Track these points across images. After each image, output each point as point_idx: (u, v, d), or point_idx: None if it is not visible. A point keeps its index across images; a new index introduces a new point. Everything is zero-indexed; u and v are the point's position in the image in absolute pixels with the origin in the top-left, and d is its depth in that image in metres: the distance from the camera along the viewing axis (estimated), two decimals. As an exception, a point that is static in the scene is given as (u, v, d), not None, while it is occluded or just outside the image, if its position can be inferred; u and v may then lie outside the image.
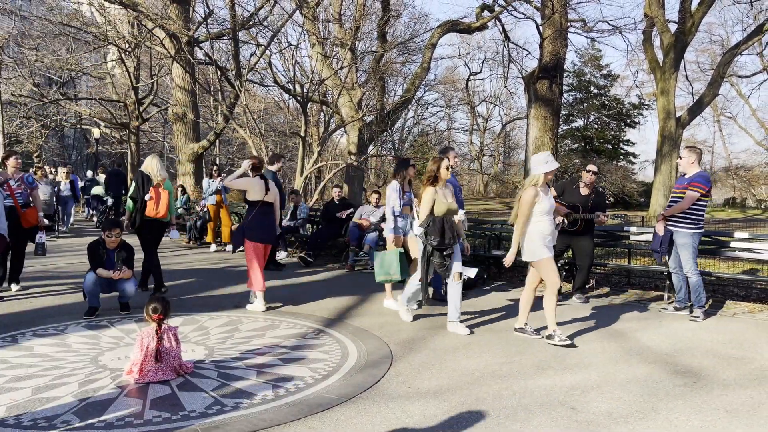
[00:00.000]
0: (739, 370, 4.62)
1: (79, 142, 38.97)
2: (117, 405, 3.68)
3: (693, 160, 6.39)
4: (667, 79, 21.20)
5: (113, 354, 4.77)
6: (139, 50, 21.34)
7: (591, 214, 7.07)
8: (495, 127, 52.67)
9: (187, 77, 17.49)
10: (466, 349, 5.10)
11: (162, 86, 25.42)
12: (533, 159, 5.55)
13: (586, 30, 18.46)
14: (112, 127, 24.34)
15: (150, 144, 34.01)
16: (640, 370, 4.57)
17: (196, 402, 3.74)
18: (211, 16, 16.46)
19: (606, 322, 6.19)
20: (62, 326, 5.63)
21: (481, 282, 8.29)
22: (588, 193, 7.22)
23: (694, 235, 6.28)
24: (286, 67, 21.02)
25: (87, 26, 18.17)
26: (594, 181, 7.26)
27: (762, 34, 21.70)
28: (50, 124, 26.49)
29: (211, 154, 31.04)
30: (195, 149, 18.55)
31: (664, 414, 3.68)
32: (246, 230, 6.53)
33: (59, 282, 7.95)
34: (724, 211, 34.37)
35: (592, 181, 7.24)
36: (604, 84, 41.81)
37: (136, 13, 15.52)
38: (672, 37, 20.80)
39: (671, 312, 6.60)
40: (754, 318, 6.46)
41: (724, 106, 42.73)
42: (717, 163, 46.80)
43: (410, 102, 21.45)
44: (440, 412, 3.65)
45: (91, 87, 30.34)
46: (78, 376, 4.20)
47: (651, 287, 8.10)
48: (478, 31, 19.15)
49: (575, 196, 7.21)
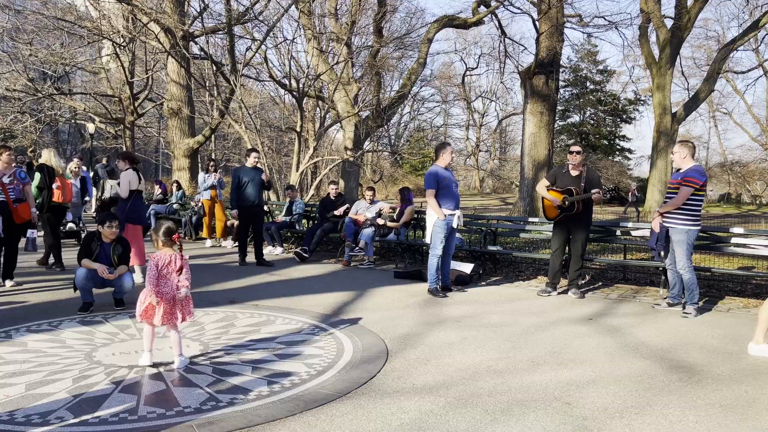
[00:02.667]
0: (733, 365, 4.63)
1: (73, 137, 38.79)
2: (111, 401, 3.66)
3: (686, 155, 6.37)
4: (663, 74, 21.22)
5: (107, 350, 4.75)
6: (134, 45, 21.24)
7: (586, 194, 7.06)
8: (491, 122, 52.74)
9: (182, 72, 17.42)
10: (461, 345, 5.09)
11: (157, 81, 25.31)
12: None
13: (582, 25, 18.43)
14: (107, 122, 24.21)
15: (145, 139, 33.89)
16: (635, 365, 4.58)
17: (191, 398, 3.73)
18: (206, 10, 16.40)
19: (602, 318, 6.19)
20: (56, 322, 5.60)
21: (476, 277, 8.29)
22: (578, 173, 7.21)
23: (690, 232, 6.25)
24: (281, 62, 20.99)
25: (81, 20, 18.03)
26: (581, 160, 7.24)
27: (758, 30, 21.74)
28: (45, 119, 26.35)
29: (207, 149, 30.96)
30: (190, 144, 18.48)
31: (659, 409, 3.69)
32: (130, 215, 7.73)
33: (54, 278, 7.92)
34: (719, 206, 34.45)
35: (579, 161, 7.23)
36: (600, 79, 41.88)
37: (131, 7, 15.43)
38: (668, 32, 20.81)
39: (665, 308, 6.61)
40: (749, 313, 6.47)
41: (719, 102, 42.87)
42: (712, 158, 46.94)
43: (406, 97, 21.41)
44: (436, 407, 3.64)
45: (85, 82, 30.19)
46: (72, 372, 4.18)
47: (646, 282, 8.12)
48: (474, 26, 19.12)
49: (567, 180, 7.21)
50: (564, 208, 7.14)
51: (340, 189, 12.56)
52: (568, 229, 7.28)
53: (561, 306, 6.74)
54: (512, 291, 7.70)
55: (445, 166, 7.43)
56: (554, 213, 7.26)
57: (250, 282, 7.91)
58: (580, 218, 7.19)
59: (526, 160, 17.62)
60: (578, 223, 7.23)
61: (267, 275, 8.50)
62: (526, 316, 6.23)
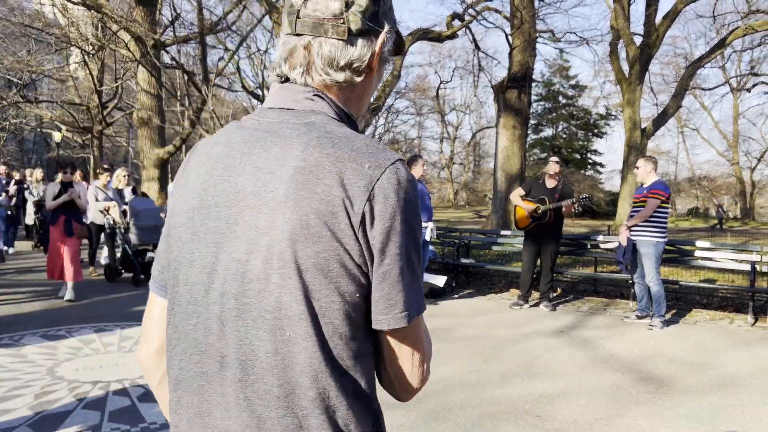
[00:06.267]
0: (700, 376, 4.69)
1: (39, 146, 38.03)
2: (74, 417, 3.56)
3: (650, 169, 6.50)
4: (632, 90, 21.64)
5: (71, 365, 4.62)
6: (103, 53, 20.93)
7: (559, 202, 7.13)
8: (465, 135, 53.20)
9: (152, 81, 17.20)
10: (434, 358, 5.04)
11: (127, 90, 24.96)
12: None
13: (554, 40, 18.76)
14: (75, 131, 23.79)
15: (114, 149, 33.38)
16: (605, 378, 4.61)
17: (157, 414, 3.63)
18: (178, 19, 16.27)
19: (573, 330, 6.24)
20: (18, 336, 5.44)
21: (449, 290, 8.29)
22: (554, 185, 7.30)
23: (658, 245, 6.35)
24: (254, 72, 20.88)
25: (49, 27, 17.73)
26: (559, 171, 7.34)
27: (724, 48, 22.32)
28: (9, 128, 25.79)
29: (177, 160, 30.59)
30: (160, 154, 18.22)
31: (628, 420, 3.71)
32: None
33: (16, 291, 7.70)
34: (687, 220, 35.21)
35: (557, 172, 7.32)
36: (572, 94, 42.54)
37: (101, 15, 15.22)
38: (637, 49, 21.26)
39: (634, 320, 6.69)
40: (715, 325, 6.59)
41: (687, 118, 43.84)
42: (681, 173, 47.95)
43: (380, 109, 21.48)
44: (407, 421, 3.61)
45: (52, 90, 29.63)
46: (33, 388, 4.05)
47: (617, 295, 8.21)
48: (448, 39, 19.28)
49: (541, 190, 7.29)
50: (536, 217, 7.21)
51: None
52: (538, 242, 7.34)
53: (533, 318, 6.77)
54: (485, 304, 7.72)
55: (418, 179, 7.44)
56: (526, 222, 7.33)
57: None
58: (550, 230, 7.26)
59: (499, 173, 17.77)
60: (548, 235, 7.29)
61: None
62: (498, 328, 6.24)
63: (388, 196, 0.90)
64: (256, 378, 0.91)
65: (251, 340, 0.91)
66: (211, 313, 0.95)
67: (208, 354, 0.95)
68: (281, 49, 1.04)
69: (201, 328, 0.96)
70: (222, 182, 0.96)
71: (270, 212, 0.91)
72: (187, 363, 0.98)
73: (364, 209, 0.89)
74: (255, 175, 0.94)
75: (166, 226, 1.05)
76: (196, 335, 0.97)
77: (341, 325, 0.91)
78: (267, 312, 0.90)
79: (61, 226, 6.97)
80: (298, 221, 0.88)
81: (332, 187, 0.89)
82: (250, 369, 0.91)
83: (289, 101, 1.01)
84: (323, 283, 0.89)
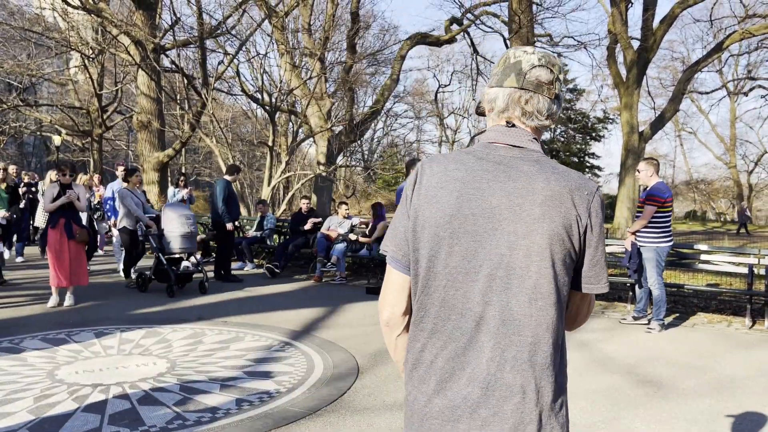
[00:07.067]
0: (698, 379, 4.71)
1: (39, 149, 38.01)
2: (74, 420, 3.57)
3: (651, 173, 6.50)
4: (630, 94, 21.70)
5: (70, 368, 4.63)
6: (103, 57, 20.96)
7: None
8: (463, 139, 53.11)
9: (152, 85, 17.22)
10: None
11: (127, 93, 24.97)
12: None
13: (552, 45, 18.78)
14: (74, 134, 23.78)
15: (114, 152, 33.38)
16: (603, 380, 4.63)
17: (157, 417, 3.65)
18: (177, 23, 16.27)
19: (571, 333, 6.24)
20: (18, 339, 5.45)
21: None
22: None
23: (659, 249, 6.34)
24: (254, 76, 20.88)
25: (49, 31, 17.73)
26: None
27: (721, 52, 22.41)
28: (9, 131, 25.80)
29: (177, 163, 30.60)
30: (160, 158, 18.23)
31: (627, 423, 3.73)
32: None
33: (16, 294, 7.71)
34: (685, 223, 35.23)
35: None
36: (570, 98, 42.60)
37: (101, 19, 15.25)
38: (635, 53, 21.32)
39: (630, 321, 6.71)
40: (713, 328, 6.61)
41: (685, 122, 43.98)
42: (678, 176, 48.06)
43: (379, 113, 21.49)
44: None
45: (52, 93, 29.63)
46: (33, 391, 4.06)
47: (615, 298, 8.23)
48: (446, 43, 19.34)
49: None
50: None
51: (312, 204, 12.52)
52: None
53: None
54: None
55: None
56: None
57: (219, 298, 7.80)
58: None
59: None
60: None
61: (237, 291, 8.40)
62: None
63: (598, 213, 1.39)
64: (513, 331, 1.33)
65: (512, 307, 1.33)
66: (474, 288, 1.35)
67: (465, 315, 1.36)
68: (505, 98, 1.46)
69: (460, 297, 1.36)
70: (476, 199, 1.37)
71: (527, 224, 1.33)
72: (442, 320, 1.38)
73: (587, 222, 1.37)
74: (508, 198, 1.35)
75: (412, 221, 1.43)
76: (455, 302, 1.37)
77: (564, 296, 1.39)
78: (527, 289, 1.33)
79: (61, 228, 6.93)
80: (552, 231, 1.33)
81: (569, 208, 1.35)
82: (509, 325, 1.33)
83: (517, 141, 1.44)
84: (563, 271, 1.36)
